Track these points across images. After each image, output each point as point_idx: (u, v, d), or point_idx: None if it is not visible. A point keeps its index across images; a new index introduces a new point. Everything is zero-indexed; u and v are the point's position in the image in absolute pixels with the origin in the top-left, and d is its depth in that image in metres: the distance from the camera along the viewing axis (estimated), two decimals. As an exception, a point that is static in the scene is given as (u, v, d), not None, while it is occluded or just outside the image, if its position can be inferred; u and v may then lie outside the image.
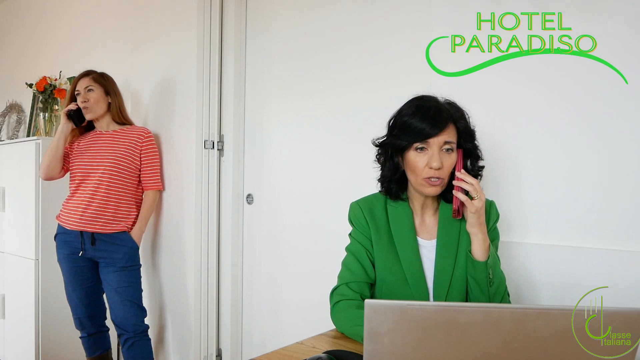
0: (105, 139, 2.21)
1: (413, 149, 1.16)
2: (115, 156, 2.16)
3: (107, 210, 2.15)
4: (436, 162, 1.13)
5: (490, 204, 1.26)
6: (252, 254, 2.36)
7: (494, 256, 1.16)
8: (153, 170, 2.27)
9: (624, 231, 1.36)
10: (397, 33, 1.82)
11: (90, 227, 2.13)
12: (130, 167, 2.21)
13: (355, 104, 1.95)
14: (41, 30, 3.38)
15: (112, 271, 2.15)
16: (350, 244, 1.27)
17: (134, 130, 2.25)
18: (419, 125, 1.13)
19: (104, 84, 2.21)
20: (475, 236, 1.15)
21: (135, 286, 2.20)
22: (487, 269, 1.14)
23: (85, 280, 2.18)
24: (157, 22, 2.48)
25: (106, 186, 2.14)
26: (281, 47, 2.22)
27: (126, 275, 2.16)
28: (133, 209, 2.24)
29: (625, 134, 1.35)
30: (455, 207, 1.15)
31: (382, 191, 1.26)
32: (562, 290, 1.44)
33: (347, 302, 1.18)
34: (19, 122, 3.31)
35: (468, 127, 1.20)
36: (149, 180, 2.27)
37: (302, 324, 2.13)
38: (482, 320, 0.68)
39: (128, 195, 2.21)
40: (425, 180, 1.15)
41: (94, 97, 2.17)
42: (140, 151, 2.23)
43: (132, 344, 2.16)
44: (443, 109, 1.16)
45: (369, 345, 0.70)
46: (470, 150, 1.20)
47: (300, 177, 2.16)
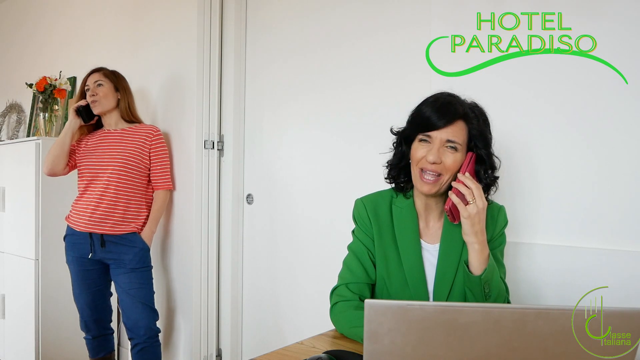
0: (113, 138, 2.17)
1: (417, 140, 1.15)
2: (124, 155, 2.13)
3: (116, 210, 2.11)
4: (433, 155, 1.11)
5: (499, 210, 1.22)
6: (252, 254, 2.36)
7: (492, 268, 1.10)
8: (163, 170, 2.23)
9: (624, 231, 1.36)
10: (397, 33, 1.82)
11: (100, 229, 2.09)
12: (140, 166, 2.17)
13: (355, 103, 1.95)
14: (41, 30, 3.38)
15: (123, 272, 2.11)
16: (353, 242, 1.26)
17: (142, 129, 2.21)
18: (426, 115, 1.12)
19: (114, 80, 2.19)
20: (472, 246, 1.09)
21: (147, 288, 2.16)
22: (482, 284, 1.09)
23: (92, 284, 2.15)
24: (157, 22, 2.48)
25: (115, 186, 2.11)
26: (281, 47, 2.22)
27: (137, 277, 2.12)
28: (143, 209, 2.20)
29: (625, 134, 1.35)
30: (446, 208, 1.10)
31: (387, 179, 1.25)
32: (562, 290, 1.44)
33: (346, 304, 1.18)
34: (19, 122, 3.31)
35: (483, 132, 1.14)
36: (159, 180, 2.23)
37: (302, 324, 2.13)
38: (482, 320, 0.68)
39: (138, 195, 2.17)
40: (420, 173, 1.14)
41: (103, 91, 2.14)
42: (149, 150, 2.19)
43: (142, 349, 2.11)
44: (454, 103, 1.13)
45: (369, 345, 0.70)
46: (482, 156, 1.14)
47: (300, 177, 2.16)
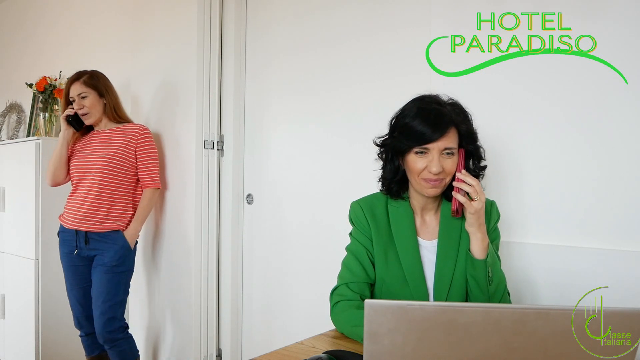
0: (100, 138, 2.19)
1: (413, 152, 1.15)
2: (108, 154, 2.13)
3: (99, 209, 2.12)
4: (435, 167, 1.12)
5: (491, 204, 1.26)
6: (252, 254, 2.36)
7: (493, 255, 1.16)
8: (149, 167, 2.22)
9: (624, 231, 1.36)
10: (397, 33, 1.82)
11: (84, 226, 2.12)
12: (124, 164, 2.16)
13: (355, 103, 1.95)
14: (41, 30, 3.39)
15: (100, 271, 2.11)
16: (351, 243, 1.27)
17: (130, 128, 2.21)
18: (420, 129, 1.12)
19: (96, 85, 2.16)
20: (474, 235, 1.15)
21: (114, 290, 2.11)
22: (486, 267, 1.14)
23: (81, 279, 2.17)
24: (157, 22, 2.48)
25: (99, 184, 2.12)
26: (281, 46, 2.22)
27: (111, 276, 2.11)
28: (129, 208, 2.20)
29: (625, 134, 1.35)
30: (454, 208, 1.15)
31: (382, 190, 1.26)
32: (562, 290, 1.44)
33: (347, 303, 1.18)
34: (19, 122, 3.31)
35: (470, 130, 1.18)
36: (146, 178, 2.22)
37: (302, 324, 2.13)
38: (482, 320, 0.68)
39: (122, 193, 2.17)
40: (424, 180, 1.15)
41: (89, 102, 2.14)
42: (135, 148, 2.19)
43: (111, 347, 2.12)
44: (445, 113, 1.14)
45: (369, 345, 0.70)
46: (471, 151, 1.19)
47: (300, 176, 2.16)
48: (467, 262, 1.16)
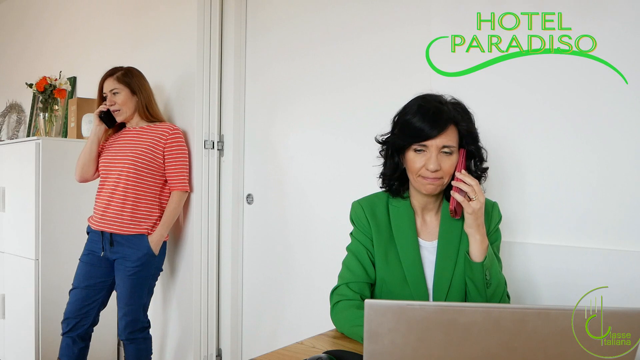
0: (129, 136, 2.15)
1: (412, 149, 1.15)
2: (134, 153, 2.08)
3: (124, 210, 2.07)
4: (433, 164, 1.12)
5: (493, 205, 1.25)
6: (252, 254, 2.36)
7: (491, 257, 1.15)
8: (177, 169, 2.15)
9: (624, 231, 1.36)
10: (397, 33, 1.82)
11: (109, 228, 2.07)
12: (151, 165, 2.10)
13: (355, 103, 1.95)
14: (41, 30, 3.39)
15: (123, 274, 2.07)
16: (351, 243, 1.27)
17: (159, 127, 2.15)
18: (418, 126, 1.13)
19: (129, 82, 2.13)
20: (473, 237, 1.14)
21: (138, 293, 2.08)
22: (483, 270, 1.13)
23: (88, 277, 2.09)
24: (156, 22, 2.48)
25: (124, 185, 2.07)
26: (281, 47, 2.22)
27: (134, 280, 2.06)
28: (155, 210, 2.14)
29: (625, 134, 1.35)
30: (452, 208, 1.14)
31: (382, 187, 1.26)
32: (562, 290, 1.44)
33: (347, 303, 1.18)
34: (19, 122, 3.32)
35: (471, 129, 1.18)
36: (173, 180, 2.15)
37: (302, 324, 2.13)
38: (482, 320, 0.68)
39: (149, 196, 2.12)
40: (422, 178, 1.15)
41: (120, 99, 2.11)
42: (164, 149, 2.12)
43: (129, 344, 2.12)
44: (444, 110, 1.14)
45: (369, 345, 0.70)
46: (473, 152, 1.19)
47: (300, 176, 2.16)
48: (465, 264, 1.16)
